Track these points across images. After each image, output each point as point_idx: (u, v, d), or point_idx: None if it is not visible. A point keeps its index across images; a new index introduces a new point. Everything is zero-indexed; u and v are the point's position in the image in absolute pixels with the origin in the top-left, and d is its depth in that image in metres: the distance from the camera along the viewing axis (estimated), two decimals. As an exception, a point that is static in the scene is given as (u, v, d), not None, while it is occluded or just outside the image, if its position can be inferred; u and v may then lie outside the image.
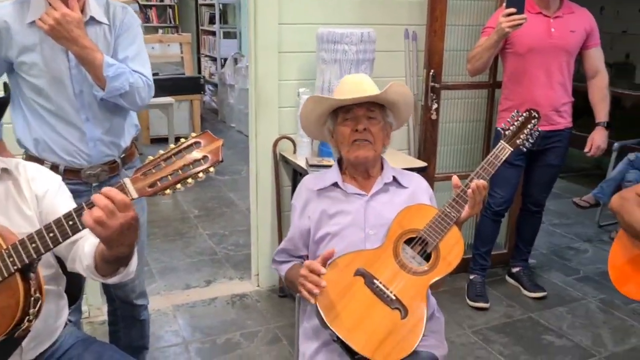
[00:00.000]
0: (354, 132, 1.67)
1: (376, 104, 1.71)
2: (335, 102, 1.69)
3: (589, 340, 2.76)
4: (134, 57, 1.88)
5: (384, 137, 1.75)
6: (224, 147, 1.29)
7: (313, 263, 1.54)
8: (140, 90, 1.85)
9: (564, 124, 2.95)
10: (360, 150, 1.67)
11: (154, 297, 3.11)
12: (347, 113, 1.69)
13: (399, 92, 1.70)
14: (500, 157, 1.70)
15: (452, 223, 1.62)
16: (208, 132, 1.26)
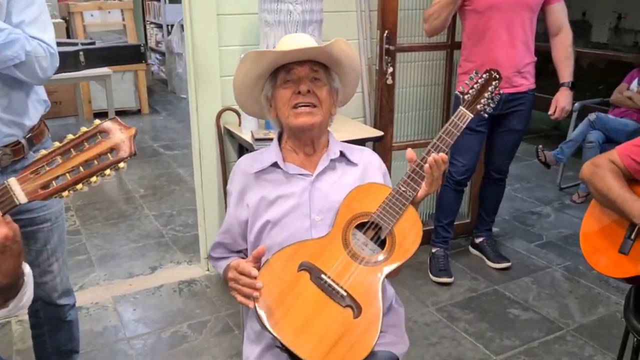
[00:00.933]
0: (297, 95, 1.43)
1: (320, 64, 1.47)
2: (279, 55, 1.43)
3: (555, 312, 2.65)
4: (31, 22, 1.58)
5: (331, 104, 1.51)
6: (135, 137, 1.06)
7: (241, 264, 1.32)
8: (40, 60, 1.57)
9: (527, 85, 2.77)
10: (304, 116, 1.43)
11: (93, 288, 2.87)
12: (287, 73, 1.45)
13: (344, 50, 1.46)
14: (460, 125, 1.49)
15: (408, 203, 1.41)
16: (117, 118, 1.04)
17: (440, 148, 1.45)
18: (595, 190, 1.74)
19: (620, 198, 1.66)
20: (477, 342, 2.43)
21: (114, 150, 1.01)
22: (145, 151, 5.08)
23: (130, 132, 1.02)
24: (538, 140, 5.52)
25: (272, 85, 1.49)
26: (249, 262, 1.33)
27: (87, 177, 1.00)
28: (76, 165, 1.00)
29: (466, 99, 1.53)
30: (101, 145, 1.00)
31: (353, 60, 1.52)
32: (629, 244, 1.67)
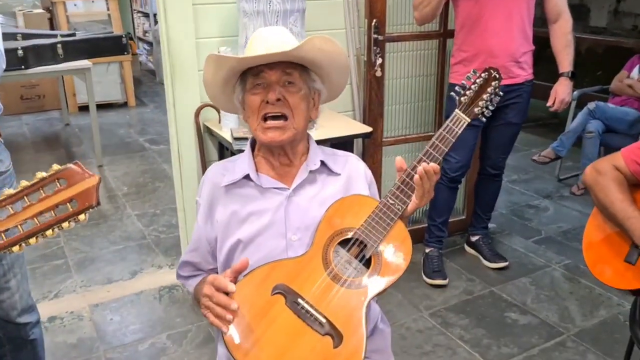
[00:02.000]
0: (265, 104, 1.28)
1: (296, 65, 1.31)
2: (234, 61, 1.27)
3: (555, 316, 2.52)
4: None
5: (308, 109, 1.35)
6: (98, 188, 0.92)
7: (218, 278, 1.17)
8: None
9: (524, 76, 2.62)
10: (272, 131, 1.27)
11: (69, 296, 2.72)
12: (256, 77, 1.28)
13: (322, 48, 1.28)
14: (456, 130, 1.35)
15: (397, 218, 1.26)
16: (78, 163, 0.92)
17: (434, 156, 1.30)
18: (597, 200, 1.59)
19: (621, 213, 1.52)
20: (473, 350, 2.30)
21: (74, 200, 0.88)
22: (131, 146, 4.92)
23: (93, 181, 0.90)
24: (537, 129, 5.38)
25: (242, 89, 1.33)
26: (226, 277, 1.18)
27: (42, 231, 0.88)
28: (30, 217, 0.88)
29: (462, 101, 1.38)
30: (60, 195, 0.89)
31: (335, 58, 1.33)
32: (635, 253, 1.53)
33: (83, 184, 0.89)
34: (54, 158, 4.60)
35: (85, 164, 3.56)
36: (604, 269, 1.61)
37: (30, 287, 1.80)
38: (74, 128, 5.44)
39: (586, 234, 1.68)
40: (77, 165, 0.90)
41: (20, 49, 3.84)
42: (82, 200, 0.89)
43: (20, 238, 0.89)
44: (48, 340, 2.35)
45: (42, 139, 5.15)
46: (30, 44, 4.00)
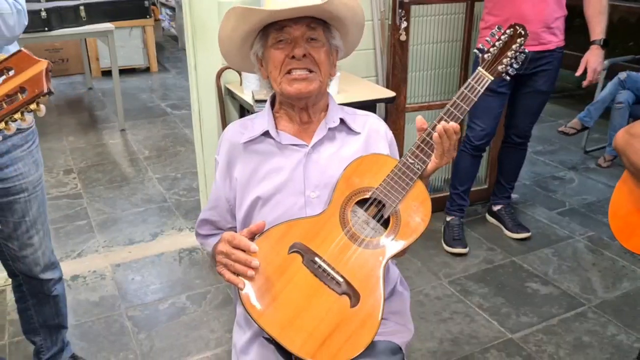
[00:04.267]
0: (291, 60, 1.25)
1: (319, 20, 1.28)
2: (265, 14, 1.23)
3: (577, 287, 2.48)
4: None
5: (330, 66, 1.32)
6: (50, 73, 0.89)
7: (237, 237, 1.16)
8: (5, 18, 1.41)
9: (556, 42, 2.53)
10: (299, 82, 1.25)
11: (91, 255, 2.76)
12: (280, 32, 1.25)
13: (347, 4, 1.26)
14: (478, 89, 1.30)
15: (416, 177, 1.24)
16: (24, 51, 0.87)
17: (455, 115, 1.26)
18: (629, 163, 1.54)
19: None
20: (491, 318, 2.29)
21: (24, 89, 0.85)
22: (153, 111, 4.93)
23: (41, 66, 0.86)
24: (563, 99, 5.26)
25: (263, 44, 1.30)
26: (244, 234, 1.18)
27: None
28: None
29: (486, 59, 1.33)
30: (8, 84, 0.85)
31: (356, 14, 1.31)
32: (664, 221, 1.49)
33: (31, 70, 0.85)
34: (76, 121, 4.64)
35: (108, 128, 3.59)
36: (632, 237, 1.56)
37: (54, 246, 1.83)
38: (97, 92, 5.47)
39: (613, 201, 1.63)
40: (22, 53, 0.87)
41: (43, 11, 3.84)
42: (31, 88, 0.85)
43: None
44: (71, 297, 2.41)
45: (66, 103, 5.19)
46: (53, 5, 3.99)
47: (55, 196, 3.36)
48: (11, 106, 0.86)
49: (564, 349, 2.12)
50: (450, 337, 2.19)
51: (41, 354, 1.94)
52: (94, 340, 2.19)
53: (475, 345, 2.14)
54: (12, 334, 2.21)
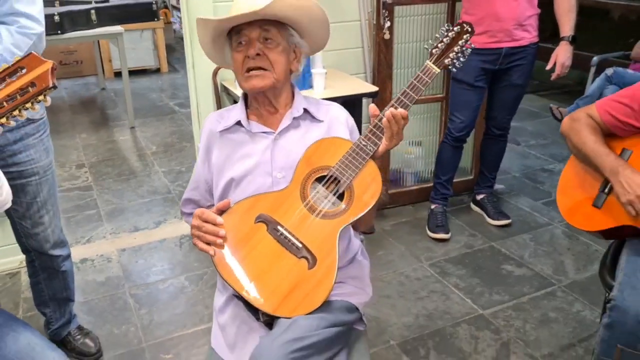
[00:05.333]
0: (247, 59, 1.43)
1: (273, 22, 1.44)
2: (218, 23, 1.42)
3: (549, 269, 2.64)
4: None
5: (288, 62, 1.49)
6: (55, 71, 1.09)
7: (205, 212, 1.36)
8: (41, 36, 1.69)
9: (529, 39, 2.69)
10: (253, 79, 1.43)
11: (99, 241, 2.98)
12: (239, 35, 1.44)
13: (293, 4, 1.40)
14: (426, 79, 1.48)
15: (368, 157, 1.42)
16: (33, 53, 1.07)
17: (404, 103, 1.44)
18: (572, 145, 1.71)
19: (593, 152, 1.63)
20: (465, 296, 2.46)
21: (34, 83, 1.05)
22: (161, 109, 5.16)
23: (47, 66, 1.06)
24: (561, 96, 5.39)
25: (230, 47, 1.49)
26: (213, 212, 1.38)
27: (9, 111, 1.05)
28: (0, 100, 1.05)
29: (434, 53, 1.52)
30: (21, 80, 1.05)
31: (310, 13, 1.45)
32: (602, 197, 1.66)
33: (39, 69, 1.05)
34: (89, 119, 4.89)
35: (118, 126, 3.83)
36: (574, 213, 1.73)
37: (65, 232, 2.03)
38: (110, 92, 5.71)
39: (560, 182, 1.79)
40: (32, 55, 1.06)
41: (56, 15, 4.08)
42: (39, 83, 1.05)
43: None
44: (79, 278, 2.63)
45: (79, 103, 5.44)
46: (65, 9, 4.23)
47: (67, 188, 3.59)
48: (23, 97, 1.05)
49: (530, 324, 2.28)
50: (426, 313, 2.36)
51: (50, 324, 2.16)
52: (100, 315, 2.40)
53: (448, 320, 2.32)
54: (25, 309, 2.43)
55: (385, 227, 3.03)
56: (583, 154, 1.67)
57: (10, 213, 1.89)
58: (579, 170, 1.75)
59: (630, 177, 1.52)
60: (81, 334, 2.18)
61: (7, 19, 1.66)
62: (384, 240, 2.91)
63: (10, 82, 1.05)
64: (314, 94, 2.64)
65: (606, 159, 1.60)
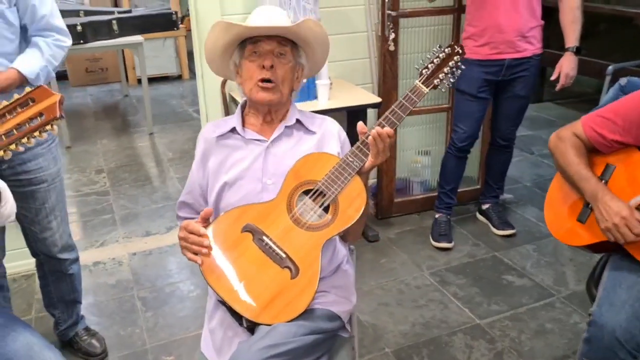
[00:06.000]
0: (261, 70, 1.51)
1: (289, 40, 1.54)
2: (245, 29, 1.50)
3: (550, 280, 2.65)
4: (51, 13, 1.86)
5: (292, 80, 1.57)
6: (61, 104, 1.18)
7: (190, 224, 1.44)
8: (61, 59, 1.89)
9: (532, 50, 2.71)
10: (264, 92, 1.51)
11: (112, 244, 3.09)
12: (255, 46, 1.52)
13: (312, 29, 1.53)
14: (414, 99, 1.53)
15: (354, 173, 1.47)
16: (43, 86, 1.17)
17: (392, 122, 1.49)
18: (557, 164, 1.74)
19: (576, 175, 1.66)
20: (464, 306, 2.48)
21: (42, 114, 1.14)
22: (180, 116, 5.28)
23: (54, 99, 1.14)
24: (579, 104, 5.35)
25: (240, 55, 1.57)
26: (197, 222, 1.45)
27: (19, 139, 1.13)
28: (10, 128, 1.13)
29: (423, 73, 1.57)
30: (30, 110, 1.14)
31: (321, 39, 1.57)
32: (586, 212, 1.68)
33: (48, 101, 1.13)
34: (111, 126, 5.04)
35: (138, 132, 3.97)
36: (560, 227, 1.75)
37: (81, 236, 2.14)
38: (132, 99, 5.87)
39: (548, 195, 1.82)
40: (42, 88, 1.14)
41: (79, 25, 4.23)
42: (47, 114, 1.13)
43: (4, 144, 1.12)
44: (91, 280, 2.74)
45: (103, 109, 5.61)
46: (88, 20, 4.38)
47: (85, 193, 3.72)
48: (32, 126, 1.14)
49: (526, 334, 2.30)
50: (423, 321, 2.40)
51: (59, 325, 2.26)
52: (108, 317, 2.49)
53: (444, 329, 2.35)
54: (37, 310, 2.54)
55: (389, 235, 3.07)
56: (566, 174, 1.70)
57: (20, 218, 2.00)
58: (564, 184, 1.77)
59: (608, 204, 1.54)
60: (88, 335, 2.28)
61: (43, 32, 1.86)
62: (387, 248, 2.95)
63: (21, 112, 1.14)
64: (318, 105, 2.71)
65: (586, 184, 1.63)
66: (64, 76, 6.33)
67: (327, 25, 2.81)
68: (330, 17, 2.85)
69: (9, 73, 1.75)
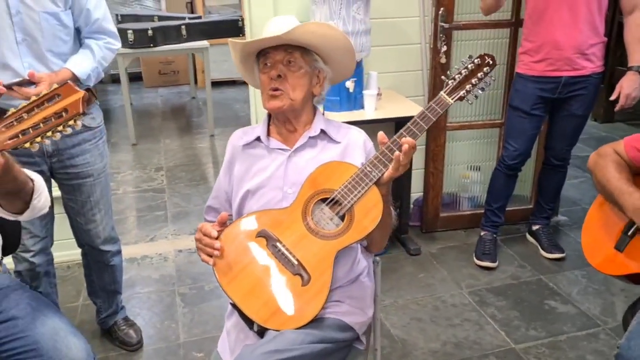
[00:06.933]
0: (270, 80, 1.54)
1: (297, 47, 1.54)
2: (243, 45, 1.54)
3: (597, 309, 2.52)
4: (104, 17, 1.96)
5: (310, 85, 1.58)
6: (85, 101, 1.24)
7: (205, 226, 1.48)
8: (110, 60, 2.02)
9: (591, 68, 2.59)
10: (272, 99, 1.54)
11: (161, 240, 3.21)
12: (265, 58, 1.55)
13: (315, 32, 1.50)
14: (438, 110, 1.50)
15: (372, 184, 1.46)
16: (69, 83, 1.22)
17: (413, 133, 1.47)
18: (597, 181, 1.66)
19: (617, 190, 1.58)
20: (500, 328, 2.40)
21: (66, 110, 1.21)
22: (242, 119, 5.41)
23: (78, 95, 1.20)
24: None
25: (258, 69, 1.60)
26: (214, 226, 1.49)
27: (44, 132, 1.20)
28: (37, 122, 1.20)
29: (449, 84, 1.54)
30: (56, 106, 1.20)
31: (333, 41, 1.54)
32: (625, 240, 1.60)
33: (73, 97, 1.19)
34: (176, 126, 5.24)
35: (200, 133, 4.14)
36: (596, 253, 1.67)
37: (134, 230, 2.24)
38: (199, 101, 6.08)
39: (587, 218, 1.74)
40: (68, 84, 1.20)
41: (150, 29, 4.44)
42: (71, 109, 1.18)
43: (31, 137, 1.19)
44: (137, 272, 2.86)
45: (170, 110, 5.84)
46: (159, 25, 4.60)
47: (144, 189, 3.89)
48: (57, 121, 1.21)
49: (563, 364, 2.20)
50: (455, 341, 2.34)
51: (100, 313, 2.38)
52: (148, 309, 2.59)
53: (476, 350, 2.28)
54: (85, 297, 2.66)
55: (432, 250, 3.01)
56: (606, 191, 1.61)
57: (68, 210, 2.12)
58: (605, 209, 1.69)
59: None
60: (126, 325, 2.38)
61: (95, 35, 1.97)
62: (428, 262, 2.90)
63: (47, 107, 1.21)
64: (364, 115, 2.71)
65: (628, 198, 1.54)
66: (139, 77, 6.66)
67: (378, 36, 2.86)
68: (381, 29, 2.84)
69: (63, 73, 1.86)
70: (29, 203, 1.38)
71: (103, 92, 6.37)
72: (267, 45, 1.52)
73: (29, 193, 1.37)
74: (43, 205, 1.46)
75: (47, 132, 1.20)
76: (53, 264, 2.24)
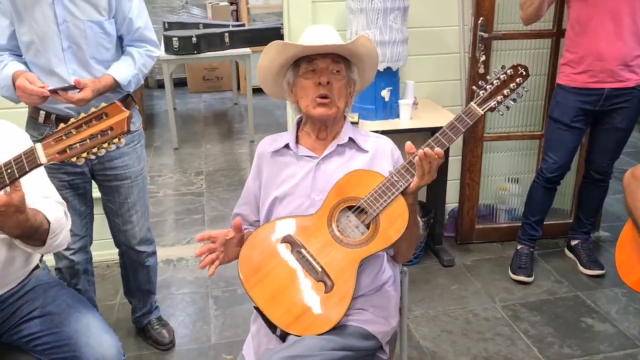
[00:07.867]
0: (318, 86, 1.56)
1: (342, 57, 1.58)
2: (300, 48, 1.56)
3: (637, 329, 2.43)
4: (145, 25, 2.03)
5: (347, 95, 1.61)
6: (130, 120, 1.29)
7: (214, 231, 1.55)
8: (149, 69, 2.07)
9: (636, 80, 2.52)
10: (322, 107, 1.56)
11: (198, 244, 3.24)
12: (310, 64, 1.57)
13: (366, 46, 1.57)
14: (467, 121, 1.50)
15: (398, 193, 1.47)
16: (116, 103, 1.28)
17: (442, 143, 1.47)
18: (626, 204, 1.61)
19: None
20: (533, 345, 2.35)
21: (112, 128, 1.26)
22: (282, 126, 5.43)
23: (124, 115, 1.26)
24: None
25: (295, 73, 1.62)
26: (229, 232, 1.53)
27: (90, 148, 1.26)
28: (84, 138, 1.26)
29: (480, 94, 1.53)
30: (103, 124, 1.26)
31: (372, 54, 1.61)
32: (659, 259, 1.54)
33: (119, 116, 1.24)
34: (217, 131, 5.34)
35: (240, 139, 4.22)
36: (630, 272, 1.62)
37: (172, 233, 2.29)
38: (241, 107, 6.18)
39: (621, 236, 1.69)
40: (115, 104, 1.25)
41: (194, 37, 4.55)
42: (117, 128, 1.24)
43: (77, 152, 1.25)
44: (172, 274, 2.93)
45: (213, 115, 5.96)
46: (203, 32, 4.70)
47: (183, 193, 3.98)
48: (102, 138, 1.27)
49: (597, 384, 2.13)
50: (485, 355, 2.30)
51: (135, 312, 2.44)
52: (183, 310, 2.65)
53: (507, 366, 2.24)
54: (122, 296, 2.74)
55: (466, 262, 2.97)
56: (634, 216, 1.57)
57: (106, 210, 2.19)
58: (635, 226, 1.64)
59: None
60: (159, 325, 2.44)
61: (136, 43, 2.04)
62: (461, 274, 2.86)
63: (95, 125, 1.27)
64: (399, 124, 2.71)
65: None
66: (184, 83, 6.81)
67: (415, 45, 2.85)
68: (418, 38, 2.83)
69: (105, 79, 1.94)
70: (45, 242, 1.44)
71: (149, 97, 6.55)
72: (321, 51, 1.55)
73: (44, 234, 1.42)
74: (60, 244, 1.51)
75: (93, 148, 1.26)
76: (92, 262, 2.32)
